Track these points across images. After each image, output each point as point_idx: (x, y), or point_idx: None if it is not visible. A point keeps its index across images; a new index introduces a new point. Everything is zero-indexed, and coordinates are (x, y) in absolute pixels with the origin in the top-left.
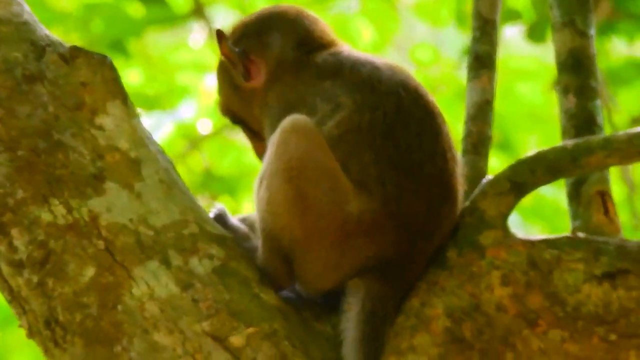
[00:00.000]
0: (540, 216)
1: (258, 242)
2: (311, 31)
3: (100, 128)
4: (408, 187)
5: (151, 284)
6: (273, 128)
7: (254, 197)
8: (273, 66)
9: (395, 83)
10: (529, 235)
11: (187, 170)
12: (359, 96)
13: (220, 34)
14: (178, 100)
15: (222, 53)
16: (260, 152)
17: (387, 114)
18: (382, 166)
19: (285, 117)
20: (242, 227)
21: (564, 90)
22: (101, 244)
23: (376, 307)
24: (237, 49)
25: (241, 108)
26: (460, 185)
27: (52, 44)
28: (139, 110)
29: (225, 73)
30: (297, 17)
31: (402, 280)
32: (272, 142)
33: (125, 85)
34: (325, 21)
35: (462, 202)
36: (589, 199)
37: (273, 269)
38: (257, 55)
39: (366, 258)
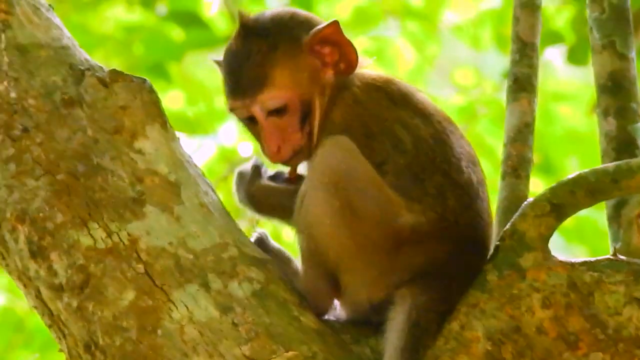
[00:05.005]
0: (582, 238)
1: (299, 265)
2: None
3: (140, 152)
4: (467, 204)
5: (190, 308)
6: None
7: (294, 219)
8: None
9: (444, 115)
10: (569, 258)
11: (228, 194)
12: (420, 122)
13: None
14: (218, 123)
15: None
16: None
17: (447, 138)
18: (442, 182)
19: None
20: (283, 250)
21: (604, 112)
22: (141, 267)
23: (420, 318)
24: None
25: (318, 101)
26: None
27: (91, 67)
28: (179, 134)
29: (311, 65)
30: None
31: (448, 294)
32: (314, 160)
33: (165, 109)
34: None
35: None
36: (629, 221)
37: (314, 291)
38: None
39: (417, 266)
